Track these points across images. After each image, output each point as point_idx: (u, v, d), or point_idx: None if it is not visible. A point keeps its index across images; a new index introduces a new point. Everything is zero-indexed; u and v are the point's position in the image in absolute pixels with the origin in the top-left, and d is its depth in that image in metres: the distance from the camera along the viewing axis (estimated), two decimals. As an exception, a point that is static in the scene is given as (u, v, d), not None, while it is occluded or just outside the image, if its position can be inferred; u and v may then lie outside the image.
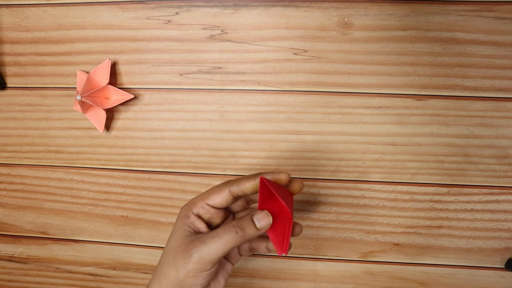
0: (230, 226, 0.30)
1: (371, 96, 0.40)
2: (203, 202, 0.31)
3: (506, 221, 0.40)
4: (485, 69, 0.38)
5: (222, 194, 0.31)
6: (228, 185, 0.31)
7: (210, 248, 0.29)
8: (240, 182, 0.31)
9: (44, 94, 0.44)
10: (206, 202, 0.31)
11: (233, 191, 0.31)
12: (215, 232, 0.29)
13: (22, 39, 0.43)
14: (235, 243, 0.29)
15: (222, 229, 0.29)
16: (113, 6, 0.41)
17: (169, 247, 0.31)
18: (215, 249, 0.29)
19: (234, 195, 0.31)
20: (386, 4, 0.38)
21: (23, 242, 0.47)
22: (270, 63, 0.40)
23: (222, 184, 0.32)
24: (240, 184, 0.31)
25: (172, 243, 0.31)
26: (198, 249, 0.29)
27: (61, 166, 0.45)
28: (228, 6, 0.40)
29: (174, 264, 0.29)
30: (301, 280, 0.43)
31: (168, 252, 0.31)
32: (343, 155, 0.41)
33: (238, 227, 0.29)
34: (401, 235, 0.42)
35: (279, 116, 0.41)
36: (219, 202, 0.31)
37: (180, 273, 0.29)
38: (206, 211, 0.31)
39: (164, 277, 0.30)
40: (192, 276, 0.29)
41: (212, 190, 0.31)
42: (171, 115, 0.42)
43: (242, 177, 0.31)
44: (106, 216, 0.45)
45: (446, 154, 0.40)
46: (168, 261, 0.30)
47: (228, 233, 0.29)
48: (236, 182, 0.31)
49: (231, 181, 0.31)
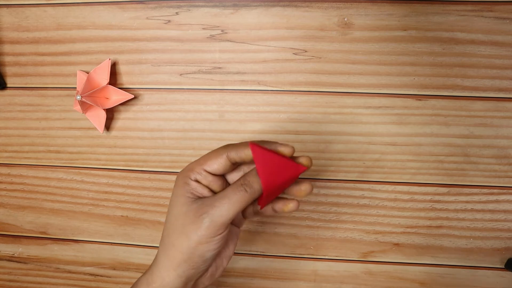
0: (238, 185, 0.28)
1: (371, 96, 0.40)
2: (200, 168, 0.29)
3: (506, 221, 0.40)
4: (485, 69, 0.38)
5: (220, 159, 0.29)
6: (226, 150, 0.29)
7: (221, 210, 0.27)
8: (239, 148, 0.28)
9: (44, 94, 0.44)
10: (203, 168, 0.29)
11: (231, 156, 0.29)
12: (223, 194, 0.28)
13: (22, 39, 0.43)
14: (246, 202, 0.28)
15: (230, 190, 0.28)
16: (113, 6, 0.41)
17: (174, 217, 0.29)
18: (226, 211, 0.27)
19: (232, 161, 0.29)
20: (386, 4, 0.38)
21: (23, 242, 0.47)
22: (270, 63, 0.40)
23: (220, 149, 0.29)
24: (238, 149, 0.28)
25: (177, 211, 0.29)
26: (208, 213, 0.27)
27: (61, 166, 0.45)
28: (228, 6, 0.40)
29: (183, 232, 0.28)
30: (301, 280, 0.43)
31: (173, 222, 0.29)
32: (343, 155, 0.41)
33: (246, 185, 0.28)
34: (401, 235, 0.42)
35: (279, 116, 0.41)
36: (217, 168, 0.29)
37: (192, 240, 0.27)
38: (203, 177, 0.29)
39: (173, 247, 0.28)
40: (205, 242, 0.28)
41: (209, 155, 0.29)
42: (171, 115, 0.42)
43: (241, 143, 0.29)
44: (106, 216, 0.45)
45: (446, 154, 0.40)
46: (176, 230, 0.28)
47: (237, 192, 0.28)
48: (235, 147, 0.29)
49: (230, 146, 0.29)
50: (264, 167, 0.27)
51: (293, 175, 0.28)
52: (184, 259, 0.28)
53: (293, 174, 0.28)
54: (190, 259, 0.28)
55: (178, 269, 0.28)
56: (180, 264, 0.28)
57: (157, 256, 0.30)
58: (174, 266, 0.28)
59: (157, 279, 0.29)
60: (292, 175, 0.28)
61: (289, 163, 0.28)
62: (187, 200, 0.29)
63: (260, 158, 0.27)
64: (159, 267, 0.29)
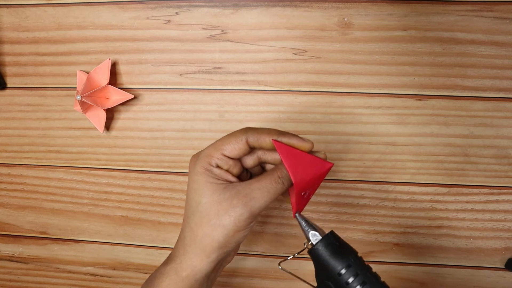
0: (276, 177, 0.28)
1: (371, 96, 0.40)
2: (219, 153, 0.28)
3: (506, 221, 0.40)
4: (485, 69, 0.38)
5: (240, 144, 0.28)
6: (246, 134, 0.28)
7: (259, 202, 0.27)
8: (260, 135, 0.28)
9: (44, 94, 0.44)
10: (222, 153, 0.28)
11: (250, 142, 0.28)
12: (261, 184, 0.28)
13: (22, 39, 0.43)
14: (280, 194, 0.28)
15: (267, 181, 0.28)
16: (113, 6, 0.41)
17: (204, 206, 0.28)
18: (264, 203, 0.27)
19: (251, 146, 0.28)
20: (386, 4, 0.38)
21: (23, 242, 0.47)
22: (270, 63, 0.40)
23: (238, 132, 0.28)
24: (259, 136, 0.28)
25: (207, 200, 0.28)
26: (247, 204, 0.27)
27: (61, 166, 0.45)
28: (228, 6, 0.40)
29: (219, 222, 0.27)
30: (301, 280, 0.43)
31: (205, 211, 0.28)
32: (343, 155, 0.41)
33: (284, 178, 0.28)
34: (401, 235, 0.42)
35: (279, 116, 0.41)
36: (237, 154, 0.28)
37: (229, 230, 0.27)
38: (224, 162, 0.28)
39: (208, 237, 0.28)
40: (242, 230, 0.28)
41: (227, 139, 0.28)
42: (171, 115, 0.42)
43: (262, 129, 0.29)
44: (106, 216, 0.45)
45: (446, 154, 0.40)
46: (210, 220, 0.28)
47: (276, 184, 0.28)
48: (255, 132, 0.28)
49: (250, 130, 0.28)
50: (291, 163, 0.27)
51: (320, 172, 0.28)
52: (219, 247, 0.28)
53: (320, 171, 0.28)
54: (225, 246, 0.28)
55: (211, 256, 0.28)
56: (214, 251, 0.28)
57: (185, 245, 0.29)
58: (207, 254, 0.28)
59: (188, 268, 0.29)
60: (319, 171, 0.28)
61: (315, 159, 0.28)
62: (216, 187, 0.28)
63: (285, 154, 0.27)
64: (190, 256, 0.29)
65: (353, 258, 0.27)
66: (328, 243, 0.27)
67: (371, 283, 0.26)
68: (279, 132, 0.28)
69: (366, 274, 0.26)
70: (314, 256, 0.28)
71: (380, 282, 0.27)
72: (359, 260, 0.27)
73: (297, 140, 0.28)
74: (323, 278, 0.27)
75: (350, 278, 0.26)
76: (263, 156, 0.30)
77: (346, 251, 0.27)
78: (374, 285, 0.26)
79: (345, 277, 0.26)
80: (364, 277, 0.26)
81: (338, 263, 0.27)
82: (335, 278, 0.26)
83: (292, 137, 0.28)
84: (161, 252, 0.45)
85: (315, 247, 0.28)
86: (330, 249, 0.27)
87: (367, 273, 0.26)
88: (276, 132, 0.28)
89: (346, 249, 0.28)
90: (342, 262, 0.26)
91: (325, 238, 0.28)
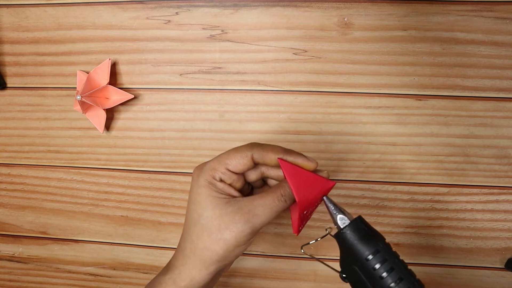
0: (278, 195, 0.28)
1: (371, 96, 0.40)
2: (223, 167, 0.28)
3: (506, 221, 0.40)
4: (485, 69, 0.38)
5: (245, 160, 0.28)
6: (251, 150, 0.28)
7: (261, 219, 0.27)
8: (265, 151, 0.28)
9: (44, 94, 0.44)
10: (226, 168, 0.28)
11: (255, 158, 0.28)
12: (263, 201, 0.28)
13: (22, 39, 0.43)
14: (281, 212, 0.28)
15: (270, 198, 0.28)
16: (113, 6, 0.41)
17: (206, 219, 0.28)
18: (266, 220, 0.28)
19: (255, 162, 0.29)
20: (386, 4, 0.38)
21: (23, 242, 0.47)
22: (270, 63, 0.40)
23: (243, 148, 0.29)
24: (264, 154, 0.28)
25: (209, 214, 0.28)
26: (249, 221, 0.27)
27: (61, 166, 0.45)
28: (228, 6, 0.40)
29: (220, 236, 0.28)
30: (301, 280, 0.43)
31: (206, 225, 0.28)
32: (343, 155, 0.41)
33: (287, 196, 0.28)
34: (401, 235, 0.42)
35: (279, 116, 0.41)
36: (241, 169, 0.29)
37: (230, 244, 0.28)
38: (228, 177, 0.29)
39: (208, 250, 0.28)
40: (242, 245, 0.28)
41: (232, 154, 0.29)
42: (171, 115, 0.42)
43: (267, 145, 0.29)
44: (106, 216, 0.45)
45: (446, 154, 0.40)
46: (211, 233, 0.28)
47: (278, 202, 0.28)
48: (260, 149, 0.28)
49: (255, 146, 0.29)
50: (295, 182, 0.28)
51: (322, 190, 0.28)
52: (219, 260, 0.28)
53: (323, 189, 0.28)
54: (224, 259, 0.28)
55: (210, 268, 0.29)
56: (213, 264, 0.28)
57: (185, 256, 0.29)
58: (206, 266, 0.29)
59: (186, 278, 0.29)
60: (321, 190, 0.28)
61: (319, 179, 0.28)
62: (219, 202, 0.28)
63: (290, 173, 0.28)
64: (189, 267, 0.29)
65: (382, 244, 0.26)
66: (357, 227, 0.27)
67: (399, 270, 0.25)
68: (284, 150, 0.29)
69: (394, 260, 0.26)
70: (341, 240, 0.28)
71: (408, 269, 0.26)
72: (387, 247, 0.27)
73: (302, 160, 0.29)
74: (350, 263, 0.27)
75: (377, 264, 0.26)
76: (266, 171, 0.31)
77: (374, 236, 0.27)
78: (402, 272, 0.26)
79: (373, 263, 0.26)
80: (392, 263, 0.26)
81: (366, 248, 0.26)
82: (362, 263, 0.26)
83: (297, 156, 0.29)
84: (161, 252, 0.45)
85: (343, 231, 0.27)
86: (358, 233, 0.27)
87: (395, 259, 0.26)
88: (281, 150, 0.29)
89: (374, 234, 0.27)
90: (370, 247, 0.26)
91: (353, 222, 0.27)
